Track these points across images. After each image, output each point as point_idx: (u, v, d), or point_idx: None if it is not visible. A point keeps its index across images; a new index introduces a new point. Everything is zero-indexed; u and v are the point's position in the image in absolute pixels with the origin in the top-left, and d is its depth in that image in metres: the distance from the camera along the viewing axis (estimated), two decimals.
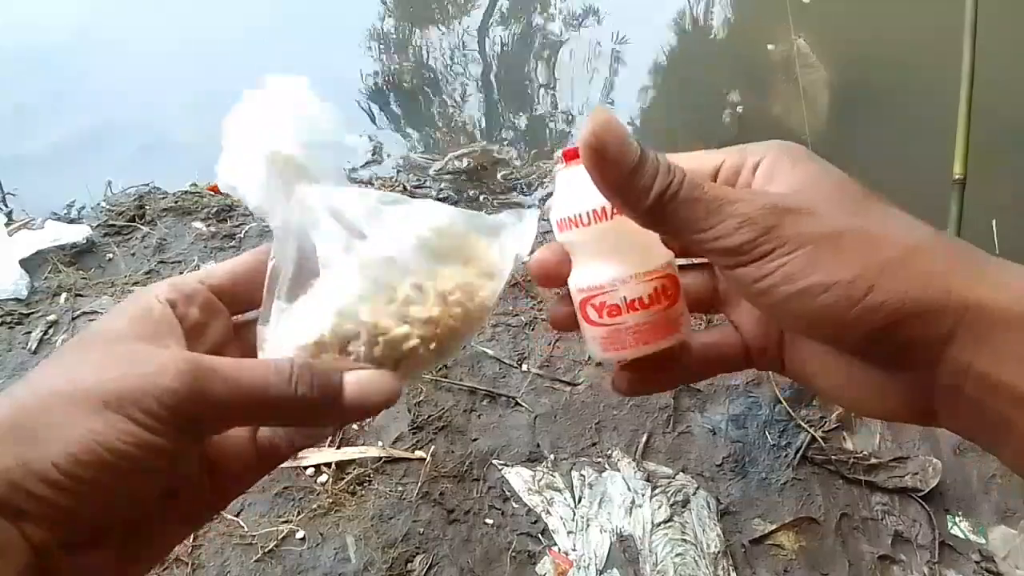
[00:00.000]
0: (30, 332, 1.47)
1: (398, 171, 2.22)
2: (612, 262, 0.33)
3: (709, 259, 0.32)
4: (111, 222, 1.75)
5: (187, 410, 0.28)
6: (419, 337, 0.33)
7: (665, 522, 1.19)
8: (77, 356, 0.29)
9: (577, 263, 0.35)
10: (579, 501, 1.22)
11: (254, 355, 0.34)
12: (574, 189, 0.33)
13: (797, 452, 1.30)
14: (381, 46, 3.00)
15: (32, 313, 1.51)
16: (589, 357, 1.42)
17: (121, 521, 0.29)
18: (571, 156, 0.33)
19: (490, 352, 1.44)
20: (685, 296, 0.36)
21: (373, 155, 2.26)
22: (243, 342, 0.36)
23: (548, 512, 1.20)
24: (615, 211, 0.32)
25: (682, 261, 0.37)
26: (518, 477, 1.25)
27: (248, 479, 0.35)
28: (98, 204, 1.85)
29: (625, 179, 0.30)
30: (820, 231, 0.29)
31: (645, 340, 0.34)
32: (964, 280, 0.27)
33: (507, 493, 1.23)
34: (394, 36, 3.11)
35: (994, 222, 1.51)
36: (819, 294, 0.28)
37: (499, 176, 2.17)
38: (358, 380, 0.32)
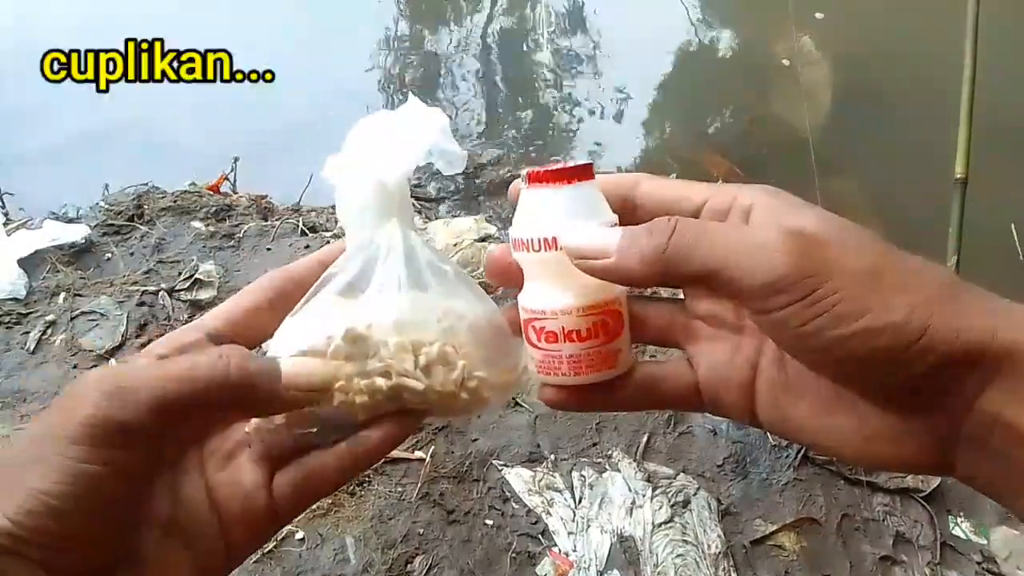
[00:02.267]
0: (28, 332, 1.46)
1: None
2: (556, 291, 0.34)
3: (741, 303, 0.29)
4: (110, 222, 1.75)
5: (108, 418, 0.27)
6: (425, 399, 0.34)
7: (666, 523, 1.19)
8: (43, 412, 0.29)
9: (526, 282, 0.35)
10: (579, 502, 1.22)
11: None
12: (529, 212, 0.34)
13: (798, 453, 1.30)
14: (383, 47, 3.00)
15: (31, 313, 1.51)
16: None
17: (117, 555, 0.29)
18: (533, 178, 0.33)
19: None
20: (647, 329, 0.36)
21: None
22: None
23: (548, 513, 1.20)
24: None
25: (652, 292, 0.37)
26: (518, 478, 1.25)
27: (263, 533, 0.35)
28: (96, 204, 1.84)
29: (615, 268, 0.30)
30: (861, 265, 0.27)
31: (577, 371, 0.34)
32: (1006, 324, 0.26)
33: (507, 494, 1.23)
34: (396, 38, 3.10)
35: (1012, 225, 1.50)
36: (873, 337, 0.26)
37: (498, 174, 2.17)
38: (294, 360, 0.32)
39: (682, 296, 0.36)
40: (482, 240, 1.71)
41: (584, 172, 0.33)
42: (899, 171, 2.15)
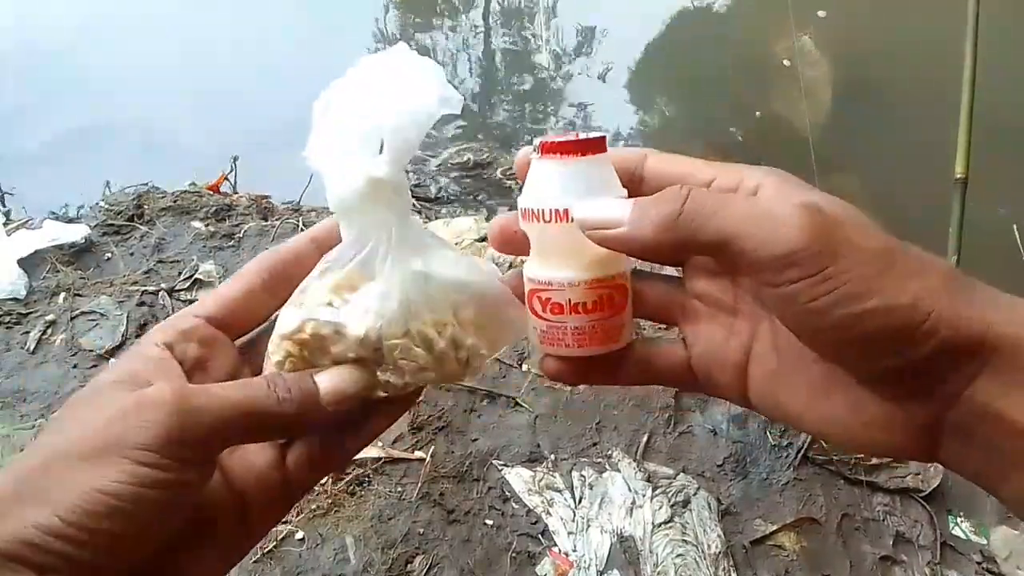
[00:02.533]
0: (28, 332, 1.46)
1: None
2: (564, 263, 0.34)
3: (750, 275, 0.29)
4: (109, 222, 1.75)
5: (178, 436, 0.28)
6: (431, 381, 0.35)
7: (666, 523, 1.19)
8: (73, 413, 0.30)
9: (533, 253, 0.35)
10: (579, 502, 1.22)
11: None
12: (540, 183, 0.33)
13: (798, 452, 1.30)
14: (382, 44, 2.99)
15: (30, 313, 1.51)
16: None
17: (154, 560, 0.29)
18: (546, 149, 0.33)
19: None
20: (645, 305, 0.36)
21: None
22: (252, 365, 0.36)
23: (548, 513, 1.20)
24: None
25: (649, 268, 0.37)
26: (518, 477, 1.25)
27: (279, 510, 0.35)
28: (96, 204, 1.84)
29: (627, 237, 0.30)
30: (871, 246, 0.27)
31: (581, 343, 0.34)
32: (1005, 318, 0.26)
33: (507, 493, 1.23)
34: (396, 34, 3.10)
35: (1015, 227, 1.50)
36: (881, 317, 0.26)
37: (499, 172, 2.17)
38: (330, 376, 0.32)
39: (680, 274, 0.36)
40: (482, 240, 1.71)
41: (597, 145, 0.33)
42: (899, 171, 2.15)
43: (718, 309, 0.34)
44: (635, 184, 0.34)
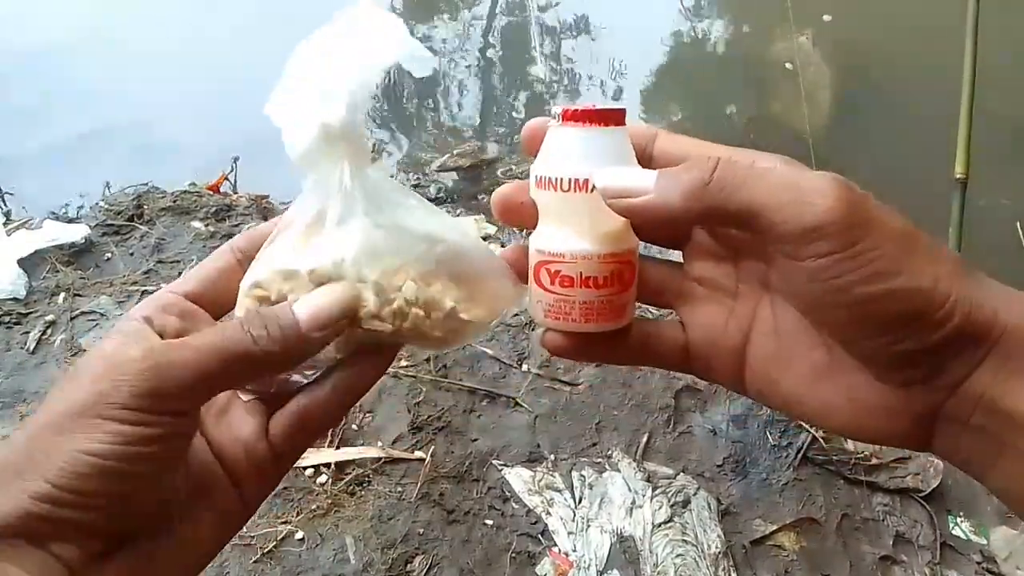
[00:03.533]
0: (28, 332, 1.46)
1: (398, 169, 2.22)
2: (578, 234, 0.33)
3: (774, 247, 0.28)
4: (109, 222, 1.75)
5: (154, 389, 0.28)
6: (384, 326, 0.33)
7: (665, 523, 1.19)
8: (58, 389, 0.30)
9: (544, 223, 0.34)
10: (579, 502, 1.22)
11: None
12: (561, 150, 0.33)
13: (798, 452, 1.30)
14: None
15: (30, 313, 1.51)
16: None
17: (153, 526, 0.30)
18: (568, 116, 0.32)
19: (490, 352, 1.44)
20: (644, 287, 0.35)
21: (372, 153, 2.25)
22: None
23: (548, 513, 1.20)
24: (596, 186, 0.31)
25: (646, 251, 0.36)
26: (518, 477, 1.25)
27: (271, 478, 0.35)
28: (96, 204, 1.84)
29: (653, 204, 0.29)
30: (897, 227, 0.27)
31: (588, 319, 0.33)
32: (1006, 308, 0.27)
33: (507, 493, 1.23)
34: None
35: (1018, 224, 1.50)
36: (904, 298, 0.26)
37: (498, 172, 2.17)
38: (306, 301, 0.31)
39: (679, 259, 0.36)
40: (482, 240, 1.71)
41: (619, 116, 0.32)
42: (899, 171, 2.15)
43: (718, 293, 0.34)
44: (644, 162, 0.34)
